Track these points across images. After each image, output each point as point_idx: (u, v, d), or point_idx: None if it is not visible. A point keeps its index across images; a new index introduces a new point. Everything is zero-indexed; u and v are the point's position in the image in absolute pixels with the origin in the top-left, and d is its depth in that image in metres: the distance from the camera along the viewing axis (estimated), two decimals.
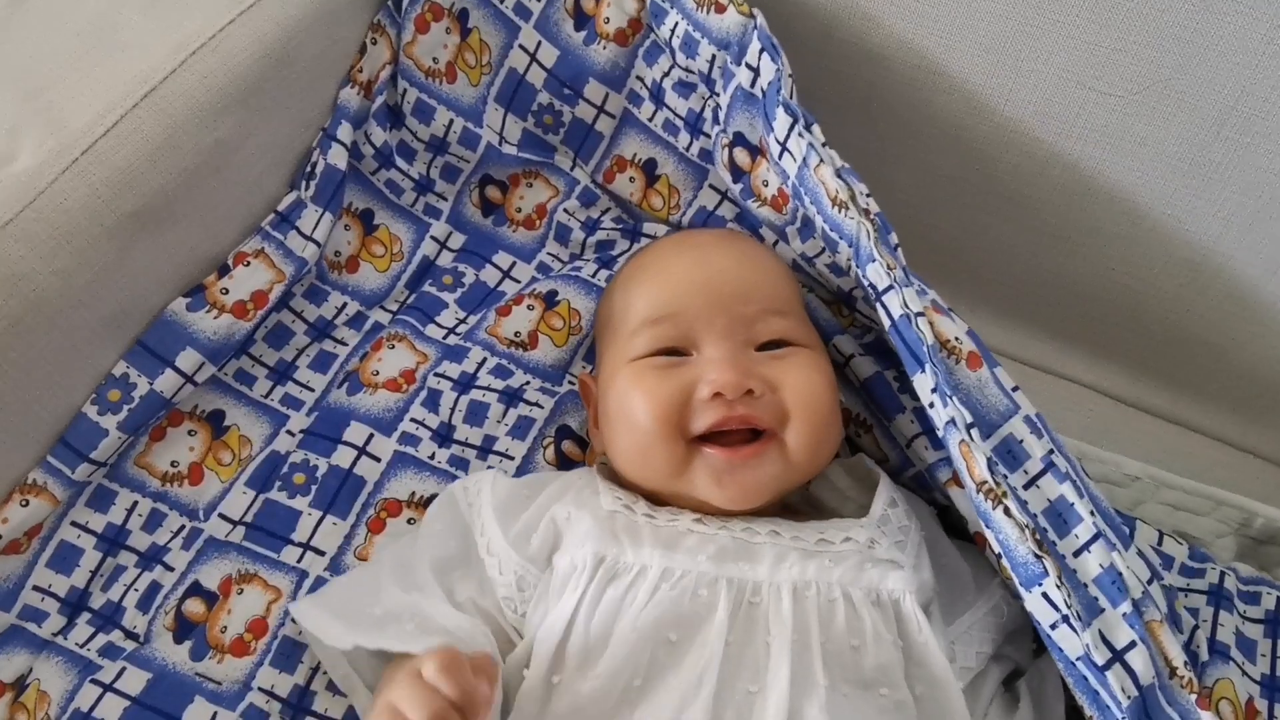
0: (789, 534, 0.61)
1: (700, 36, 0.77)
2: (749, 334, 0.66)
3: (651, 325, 0.67)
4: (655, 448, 0.63)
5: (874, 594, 0.59)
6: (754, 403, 0.63)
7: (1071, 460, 0.61)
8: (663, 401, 0.63)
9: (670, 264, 0.71)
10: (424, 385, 0.78)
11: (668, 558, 0.59)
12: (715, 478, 0.62)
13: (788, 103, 0.69)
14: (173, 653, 0.66)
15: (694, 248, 0.73)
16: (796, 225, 0.76)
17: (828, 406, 0.65)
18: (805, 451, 0.64)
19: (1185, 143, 0.74)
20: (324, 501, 0.72)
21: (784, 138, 0.69)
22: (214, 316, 0.73)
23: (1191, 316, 0.83)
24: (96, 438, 0.69)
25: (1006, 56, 0.77)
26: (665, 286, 0.69)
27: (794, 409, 0.63)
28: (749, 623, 0.57)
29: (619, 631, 0.56)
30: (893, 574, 0.59)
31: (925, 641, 0.58)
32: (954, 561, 0.66)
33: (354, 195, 0.84)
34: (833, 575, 0.59)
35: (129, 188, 0.68)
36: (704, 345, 0.66)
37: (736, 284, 0.67)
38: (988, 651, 0.63)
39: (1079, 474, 0.60)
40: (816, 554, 0.60)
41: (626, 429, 0.65)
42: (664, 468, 0.63)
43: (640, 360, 0.66)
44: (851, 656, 0.56)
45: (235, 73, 0.72)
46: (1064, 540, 0.56)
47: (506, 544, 0.63)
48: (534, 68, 0.86)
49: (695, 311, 0.66)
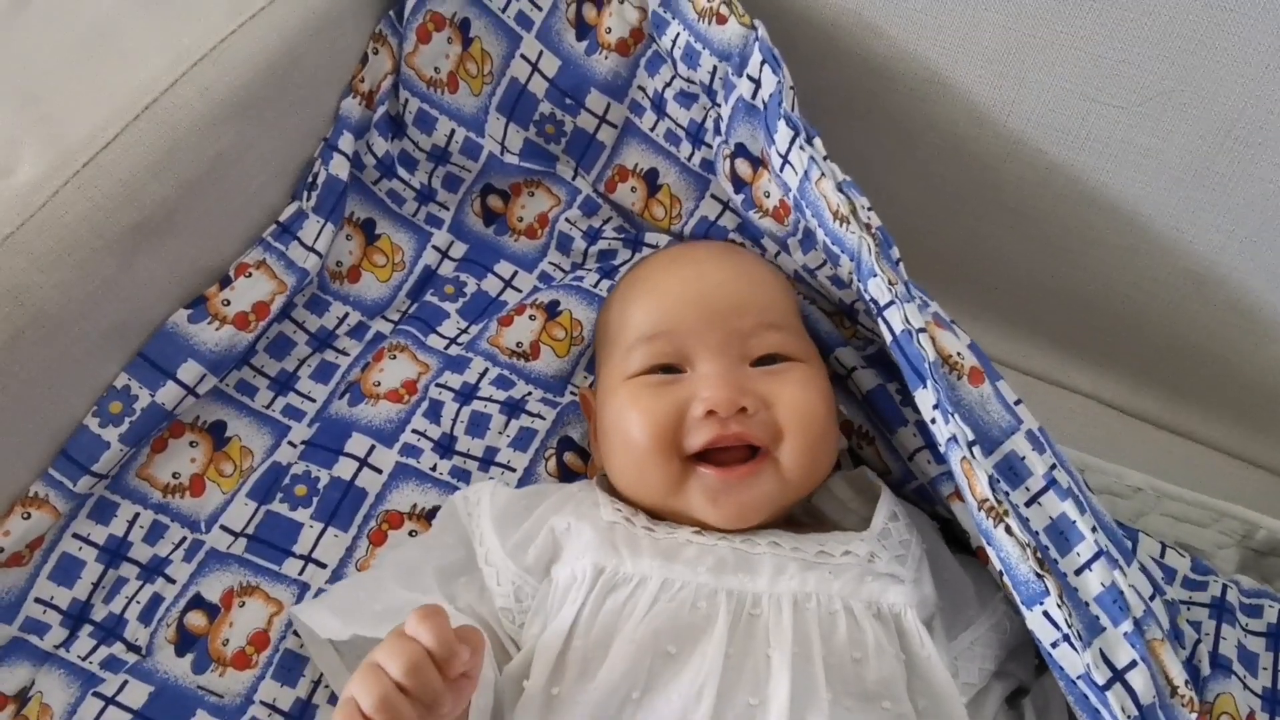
0: (788, 545, 0.61)
1: (701, 48, 0.77)
2: (744, 349, 0.66)
3: (646, 342, 0.67)
4: (650, 466, 0.63)
5: (875, 607, 0.58)
6: (748, 420, 0.63)
7: (1074, 475, 0.60)
8: (658, 420, 0.63)
9: (665, 279, 0.71)
10: (425, 396, 0.77)
11: (667, 569, 0.59)
12: (710, 497, 0.62)
13: (789, 115, 0.69)
14: (174, 665, 0.66)
15: (689, 262, 0.73)
16: (798, 237, 0.76)
17: (822, 423, 0.65)
18: (800, 469, 0.64)
19: (1189, 154, 0.74)
20: (325, 513, 0.72)
21: (785, 150, 0.69)
22: (215, 328, 0.73)
23: (1195, 328, 0.82)
24: (98, 450, 0.69)
25: (1010, 68, 0.76)
26: (660, 302, 0.69)
27: (788, 426, 0.63)
28: (749, 635, 0.57)
29: (618, 643, 0.56)
30: (894, 588, 0.59)
31: (928, 656, 0.57)
32: (956, 576, 0.66)
33: (356, 205, 0.84)
34: (833, 587, 0.58)
35: (130, 200, 0.68)
36: (698, 361, 0.65)
37: (731, 299, 0.67)
38: (990, 668, 0.63)
39: (1081, 489, 0.60)
40: (816, 565, 0.60)
41: (622, 447, 0.65)
42: (659, 486, 0.63)
43: (635, 378, 0.66)
44: (854, 669, 0.56)
45: (236, 84, 0.72)
46: (1065, 558, 0.56)
47: (504, 554, 0.63)
48: (536, 77, 0.85)
49: (689, 327, 0.66)
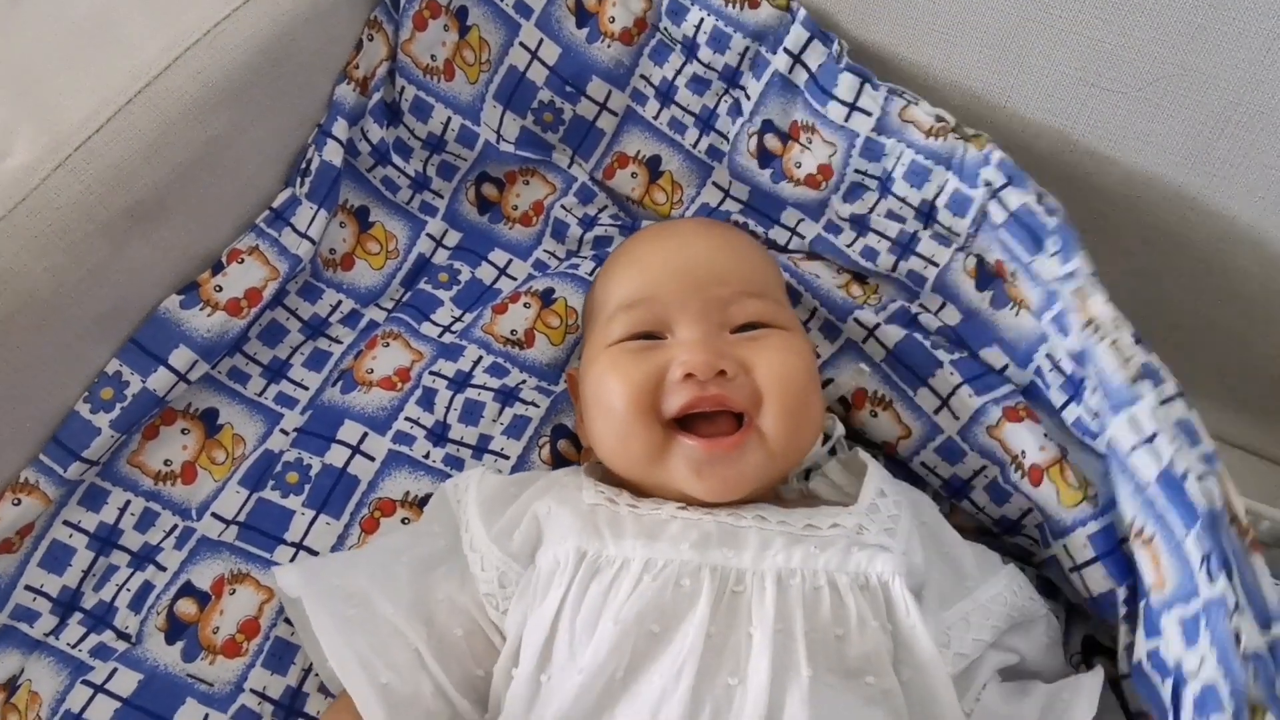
0: (775, 519, 0.61)
1: (733, 31, 0.79)
2: (724, 316, 0.66)
3: (627, 310, 0.67)
4: (631, 431, 0.63)
5: (862, 578, 0.58)
6: (727, 384, 0.62)
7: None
8: (636, 383, 0.63)
9: (646, 251, 0.72)
10: (419, 384, 0.77)
11: (650, 548, 0.58)
12: (695, 469, 0.62)
13: (853, 65, 0.76)
14: (164, 654, 0.66)
15: (671, 235, 0.73)
16: (840, 193, 0.79)
17: (803, 385, 0.65)
18: (783, 435, 0.63)
19: (1190, 139, 0.73)
20: (317, 501, 0.71)
21: (853, 99, 0.75)
22: (207, 314, 0.73)
23: (1196, 315, 0.82)
24: (89, 436, 0.68)
25: (1008, 53, 0.76)
26: (641, 272, 0.69)
27: (768, 389, 0.63)
28: (731, 613, 0.56)
29: (602, 625, 0.56)
30: (881, 556, 0.58)
31: (913, 625, 0.57)
32: (956, 549, 0.65)
33: (349, 192, 0.84)
34: (818, 562, 0.58)
35: (122, 185, 0.67)
36: (678, 328, 0.65)
37: (710, 267, 0.67)
38: (985, 639, 0.61)
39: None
40: (802, 539, 0.59)
41: (603, 414, 0.65)
42: (642, 453, 0.63)
43: (615, 345, 0.66)
44: (836, 645, 0.55)
45: (230, 68, 0.72)
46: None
47: (489, 540, 0.63)
48: (535, 65, 0.85)
49: (670, 295, 0.66)
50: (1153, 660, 0.59)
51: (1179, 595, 0.56)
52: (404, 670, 0.59)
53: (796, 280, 0.79)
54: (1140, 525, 0.60)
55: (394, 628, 0.60)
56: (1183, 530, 0.56)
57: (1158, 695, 0.58)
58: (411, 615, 0.61)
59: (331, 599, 0.61)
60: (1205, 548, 0.54)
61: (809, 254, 0.83)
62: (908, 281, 0.79)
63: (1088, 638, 0.72)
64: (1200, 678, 0.53)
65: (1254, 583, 0.54)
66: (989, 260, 0.75)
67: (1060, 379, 0.70)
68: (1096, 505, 0.66)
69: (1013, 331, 0.74)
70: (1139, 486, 0.60)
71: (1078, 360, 0.67)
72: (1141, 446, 0.59)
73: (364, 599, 0.61)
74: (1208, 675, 0.52)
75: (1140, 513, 0.60)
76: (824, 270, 0.81)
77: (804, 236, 0.83)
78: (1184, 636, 0.55)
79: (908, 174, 0.75)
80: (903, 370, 0.76)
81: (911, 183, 0.75)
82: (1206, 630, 0.53)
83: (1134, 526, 0.61)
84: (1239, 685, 0.50)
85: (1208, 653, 0.52)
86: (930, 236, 0.77)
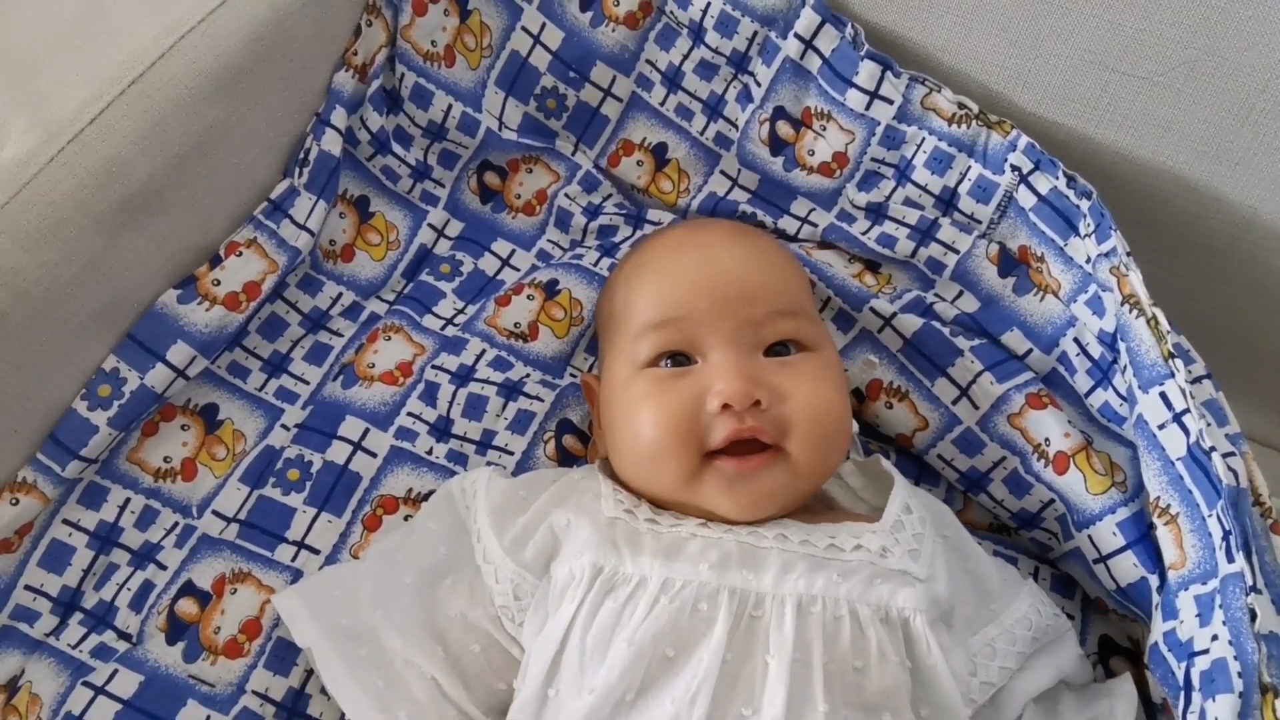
0: (797, 538, 0.59)
1: (740, 15, 0.78)
2: (756, 337, 0.64)
3: (655, 329, 0.65)
4: (667, 461, 0.61)
5: (883, 611, 0.56)
6: (761, 415, 0.61)
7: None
8: (673, 415, 0.61)
9: (673, 263, 0.68)
10: (421, 378, 0.76)
11: (668, 567, 0.57)
12: (725, 487, 0.60)
13: (874, 53, 0.75)
14: (165, 654, 0.65)
15: (697, 245, 0.70)
16: (855, 180, 0.80)
17: (836, 417, 0.63)
18: (812, 464, 0.62)
19: (1212, 127, 0.72)
20: (319, 498, 0.70)
21: (874, 88, 0.75)
22: (206, 308, 0.71)
23: (1215, 306, 0.80)
24: (87, 434, 0.67)
25: (1025, 36, 0.74)
26: (668, 288, 0.66)
27: (801, 422, 0.61)
28: (749, 638, 0.55)
29: (616, 645, 0.55)
30: (904, 590, 0.57)
31: (935, 664, 0.55)
32: (980, 566, 0.64)
33: (349, 182, 0.82)
34: (840, 590, 0.56)
35: (116, 177, 0.66)
36: (710, 351, 0.63)
37: (742, 285, 0.65)
38: (1011, 666, 0.60)
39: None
40: (825, 564, 0.57)
41: (633, 442, 0.63)
42: (675, 479, 0.62)
43: (645, 370, 0.64)
44: (854, 678, 0.54)
45: (225, 57, 0.70)
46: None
47: (502, 551, 0.62)
48: (538, 50, 0.83)
49: (700, 315, 0.64)
50: (1169, 641, 0.58)
51: (1197, 574, 0.56)
52: (424, 704, 0.59)
53: (810, 270, 0.78)
54: (1166, 502, 0.60)
55: (406, 660, 0.60)
56: (1207, 507, 0.56)
57: (1173, 677, 0.57)
58: (423, 640, 0.60)
59: (340, 640, 0.60)
60: (1227, 525, 0.54)
61: (820, 243, 0.82)
62: (925, 269, 0.78)
63: (1104, 637, 0.71)
64: (1211, 654, 0.53)
65: (1274, 565, 0.55)
66: (1012, 246, 0.75)
67: (1088, 363, 0.70)
68: (1125, 491, 0.66)
69: (1036, 317, 0.74)
70: (1167, 463, 0.60)
71: (1108, 343, 0.67)
72: (1171, 423, 0.60)
73: (372, 635, 0.60)
74: (1219, 651, 0.52)
75: (1166, 490, 0.60)
76: (836, 259, 0.80)
77: (816, 225, 0.81)
78: (1199, 615, 0.56)
79: (929, 161, 0.75)
80: (920, 360, 0.75)
81: (933, 170, 0.75)
82: (1220, 608, 0.53)
83: (1158, 504, 0.61)
84: (1249, 663, 0.50)
85: (1220, 630, 0.53)
86: (951, 223, 0.77)
